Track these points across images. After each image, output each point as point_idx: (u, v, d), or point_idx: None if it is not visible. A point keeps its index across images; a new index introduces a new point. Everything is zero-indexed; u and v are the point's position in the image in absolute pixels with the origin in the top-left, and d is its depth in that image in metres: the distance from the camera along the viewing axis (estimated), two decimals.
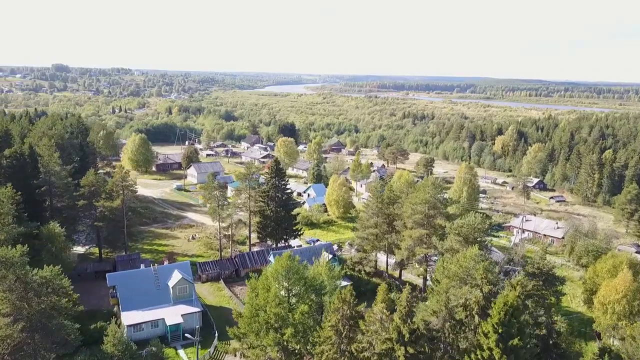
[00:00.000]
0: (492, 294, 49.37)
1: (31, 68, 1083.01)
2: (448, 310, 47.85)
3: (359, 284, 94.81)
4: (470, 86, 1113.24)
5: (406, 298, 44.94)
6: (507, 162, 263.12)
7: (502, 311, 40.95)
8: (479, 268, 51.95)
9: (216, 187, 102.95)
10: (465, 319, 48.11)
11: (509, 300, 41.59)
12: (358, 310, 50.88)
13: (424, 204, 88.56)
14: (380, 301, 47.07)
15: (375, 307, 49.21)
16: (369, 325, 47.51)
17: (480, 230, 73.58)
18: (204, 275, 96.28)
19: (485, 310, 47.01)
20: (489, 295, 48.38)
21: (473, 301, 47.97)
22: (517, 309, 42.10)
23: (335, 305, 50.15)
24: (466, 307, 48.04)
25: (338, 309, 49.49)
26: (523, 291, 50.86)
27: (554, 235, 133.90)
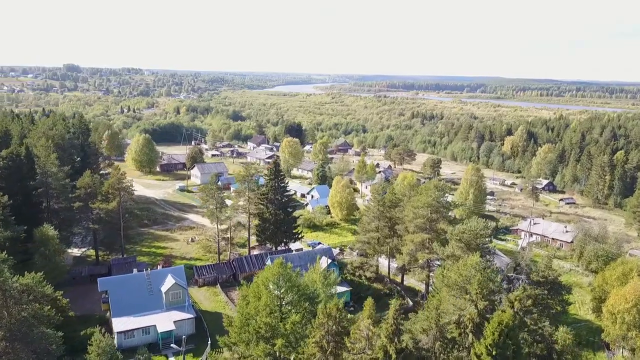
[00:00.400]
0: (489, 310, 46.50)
1: (43, 68, 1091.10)
2: (439, 328, 45.00)
3: (359, 289, 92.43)
4: (481, 86, 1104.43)
5: (393, 315, 42.10)
6: (516, 163, 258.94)
7: (497, 331, 38.16)
8: (473, 282, 49.00)
9: (214, 189, 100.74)
10: (458, 337, 45.27)
11: (504, 320, 38.78)
12: (345, 325, 48.06)
13: (426, 207, 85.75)
14: (366, 316, 44.21)
15: (362, 323, 46.42)
16: (354, 342, 44.70)
17: (482, 236, 70.58)
18: (200, 280, 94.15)
19: (480, 327, 44.20)
20: (484, 311, 45.49)
21: (467, 318, 45.16)
22: (513, 329, 39.28)
23: (320, 320, 47.43)
24: (459, 324, 45.25)
25: (322, 324, 46.66)
26: (522, 307, 47.91)
27: (562, 239, 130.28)
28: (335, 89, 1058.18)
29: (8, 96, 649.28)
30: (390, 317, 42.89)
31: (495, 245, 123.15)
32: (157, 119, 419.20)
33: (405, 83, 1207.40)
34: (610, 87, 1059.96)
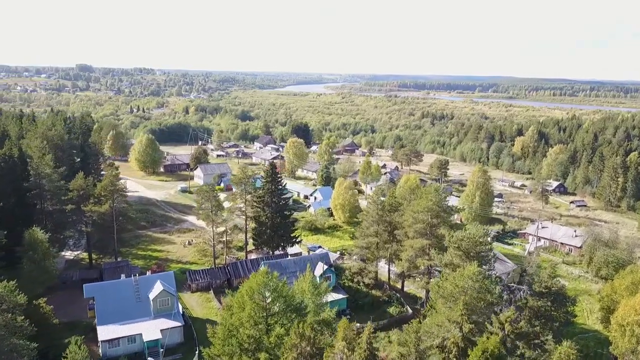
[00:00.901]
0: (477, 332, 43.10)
1: (56, 68, 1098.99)
2: (419, 354, 41.68)
3: (357, 296, 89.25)
4: (493, 85, 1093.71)
5: (367, 339, 38.84)
6: (526, 164, 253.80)
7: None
8: (459, 302, 45.55)
9: (209, 191, 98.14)
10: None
11: (489, 347, 35.47)
12: (319, 346, 44.74)
13: (426, 212, 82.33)
14: (341, 338, 40.68)
15: (336, 345, 42.93)
16: None
17: (482, 244, 67.00)
18: (193, 285, 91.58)
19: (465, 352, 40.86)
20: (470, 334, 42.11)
21: (451, 342, 41.83)
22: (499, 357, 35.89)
23: (292, 340, 44.19)
24: (443, 349, 41.94)
25: (295, 346, 43.24)
26: (513, 330, 44.46)
27: (571, 244, 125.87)
28: (345, 89, 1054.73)
29: (20, 96, 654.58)
30: (363, 341, 39.59)
31: (500, 249, 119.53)
32: (165, 119, 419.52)
33: (416, 83, 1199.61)
34: (625, 86, 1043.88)
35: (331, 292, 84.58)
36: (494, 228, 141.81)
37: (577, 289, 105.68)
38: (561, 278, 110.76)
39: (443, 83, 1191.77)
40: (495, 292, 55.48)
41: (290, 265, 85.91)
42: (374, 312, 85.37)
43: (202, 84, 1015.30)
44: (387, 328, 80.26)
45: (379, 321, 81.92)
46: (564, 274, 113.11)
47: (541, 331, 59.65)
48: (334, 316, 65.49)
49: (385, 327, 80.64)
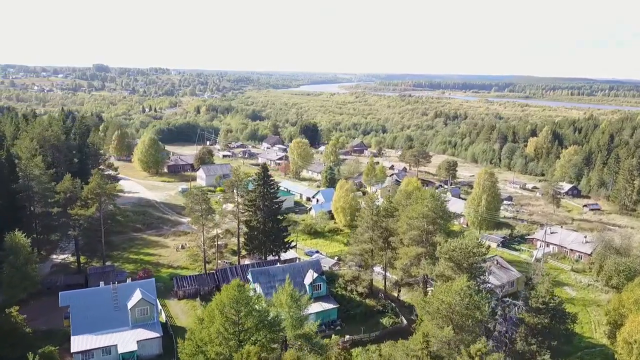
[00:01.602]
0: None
1: (73, 68, 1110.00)
2: None
3: (349, 306, 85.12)
4: (509, 85, 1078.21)
5: None
6: (539, 165, 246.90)
7: None
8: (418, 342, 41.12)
9: (199, 194, 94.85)
10: None
11: None
12: None
13: (421, 218, 77.98)
14: None
15: None
16: None
17: (475, 255, 62.45)
18: (180, 292, 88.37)
19: None
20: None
21: None
22: None
23: None
24: None
25: None
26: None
27: (581, 251, 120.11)
28: (360, 89, 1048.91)
29: (36, 96, 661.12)
30: None
31: (506, 255, 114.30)
32: (176, 118, 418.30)
33: (432, 82, 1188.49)
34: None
35: (321, 302, 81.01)
36: (501, 233, 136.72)
37: (586, 299, 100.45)
38: (569, 287, 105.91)
39: (458, 82, 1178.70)
40: (485, 309, 51.05)
41: (279, 273, 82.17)
42: (366, 323, 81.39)
43: (217, 83, 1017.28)
44: (380, 340, 76.09)
45: (371, 333, 77.91)
46: (572, 283, 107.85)
47: (538, 350, 55.18)
48: (316, 330, 61.78)
49: (378, 339, 76.50)
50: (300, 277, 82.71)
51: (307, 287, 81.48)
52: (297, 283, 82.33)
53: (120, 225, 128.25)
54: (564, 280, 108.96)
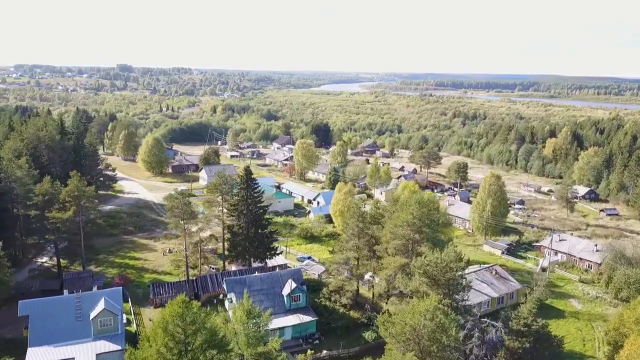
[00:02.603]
0: None
1: (98, 68, 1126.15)
2: None
3: (331, 318, 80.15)
4: (534, 84, 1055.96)
5: None
6: (557, 167, 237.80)
7: None
8: None
9: (180, 197, 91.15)
10: None
11: None
12: None
13: (405, 226, 72.73)
14: None
15: None
16: None
17: (453, 270, 56.97)
18: (157, 299, 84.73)
19: None
20: None
21: None
22: None
23: None
24: None
25: None
26: None
27: (591, 260, 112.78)
28: (380, 88, 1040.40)
29: (59, 95, 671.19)
30: None
31: (510, 264, 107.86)
32: (191, 118, 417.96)
33: (454, 82, 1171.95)
34: None
35: (299, 314, 76.42)
36: (508, 239, 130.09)
37: (592, 313, 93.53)
38: (574, 299, 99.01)
39: (482, 82, 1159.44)
40: (452, 333, 45.65)
41: (256, 282, 77.89)
42: (347, 337, 76.49)
43: (238, 83, 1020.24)
44: (359, 356, 71.04)
45: (350, 348, 72.97)
46: (579, 295, 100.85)
47: None
48: (279, 347, 57.20)
49: (357, 355, 71.50)
50: (279, 287, 78.32)
51: (285, 298, 77.01)
52: (276, 293, 78.29)
53: (111, 227, 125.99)
54: (570, 292, 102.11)
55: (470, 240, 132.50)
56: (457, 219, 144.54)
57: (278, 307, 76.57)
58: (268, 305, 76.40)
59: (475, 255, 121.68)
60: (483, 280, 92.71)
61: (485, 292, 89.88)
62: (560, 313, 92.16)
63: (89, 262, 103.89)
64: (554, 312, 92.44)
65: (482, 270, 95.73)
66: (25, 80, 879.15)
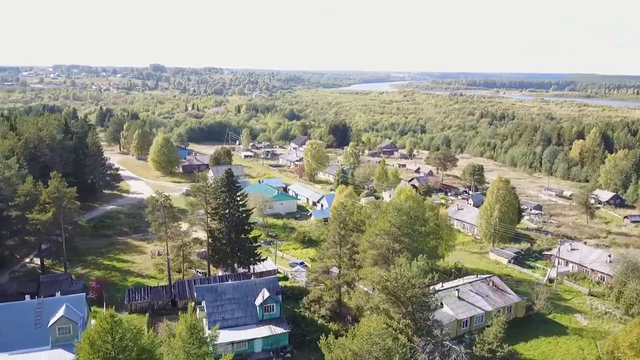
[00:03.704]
0: None
1: (131, 68, 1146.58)
2: None
3: (307, 330, 75.79)
4: (570, 83, 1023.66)
5: None
6: (583, 170, 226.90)
7: None
8: None
9: (159, 199, 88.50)
10: None
11: None
12: None
13: (383, 235, 67.91)
14: None
15: None
16: None
17: (415, 287, 51.89)
18: (131, 305, 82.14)
19: None
20: None
21: None
22: None
23: None
24: None
25: None
26: None
27: (604, 271, 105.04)
28: (411, 87, 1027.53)
29: (91, 95, 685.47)
30: None
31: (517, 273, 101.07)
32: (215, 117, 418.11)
33: (487, 81, 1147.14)
34: None
35: (271, 325, 72.39)
36: (517, 247, 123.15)
37: (598, 330, 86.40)
38: (581, 314, 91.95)
39: (515, 81, 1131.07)
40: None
41: (228, 291, 74.26)
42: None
43: (267, 83, 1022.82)
44: None
45: None
46: (586, 309, 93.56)
47: None
48: None
49: None
50: (252, 296, 74.50)
51: (257, 308, 73.15)
52: (249, 303, 74.56)
53: (107, 227, 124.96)
54: (577, 306, 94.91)
55: (477, 247, 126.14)
56: (465, 224, 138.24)
57: (250, 318, 72.86)
58: (239, 315, 72.98)
59: (480, 263, 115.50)
60: (478, 292, 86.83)
61: (478, 305, 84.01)
62: (562, 329, 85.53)
63: (77, 263, 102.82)
64: (555, 328, 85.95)
65: (479, 282, 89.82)
66: (61, 80, 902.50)
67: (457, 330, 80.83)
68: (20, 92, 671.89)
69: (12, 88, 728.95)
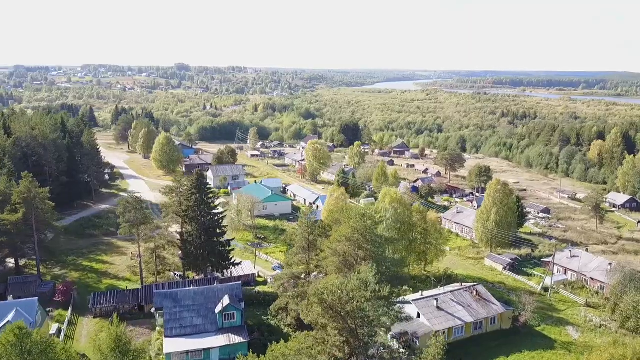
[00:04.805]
0: None
1: (157, 67, 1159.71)
2: None
3: (271, 339, 72.09)
4: (601, 82, 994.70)
5: None
6: (602, 172, 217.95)
7: None
8: None
9: (131, 201, 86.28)
10: None
11: None
12: None
13: (345, 241, 63.99)
14: None
15: None
16: None
17: (354, 299, 47.78)
18: (96, 309, 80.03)
19: None
20: None
21: None
22: None
23: None
24: None
25: None
26: None
27: (604, 281, 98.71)
28: (435, 86, 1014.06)
29: (114, 94, 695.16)
30: None
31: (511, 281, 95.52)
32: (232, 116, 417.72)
33: (513, 79, 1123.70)
34: None
35: (230, 334, 69.20)
36: (516, 253, 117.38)
37: (589, 345, 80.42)
38: (573, 327, 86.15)
39: (543, 79, 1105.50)
40: None
41: (189, 297, 71.37)
42: None
43: (289, 82, 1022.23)
44: None
45: None
46: (579, 322, 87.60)
47: None
48: None
49: None
50: (213, 303, 71.44)
51: (217, 317, 70.05)
52: (209, 310, 71.51)
53: (94, 227, 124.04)
54: (570, 318, 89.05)
55: (473, 252, 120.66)
56: (464, 228, 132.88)
57: (210, 326, 69.82)
58: (198, 322, 70.07)
59: (474, 270, 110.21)
60: (459, 302, 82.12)
61: (458, 316, 79.38)
62: (549, 343, 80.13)
63: (56, 264, 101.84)
64: (542, 341, 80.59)
65: (461, 290, 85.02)
66: (88, 80, 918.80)
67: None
68: (46, 91, 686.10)
69: (40, 87, 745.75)
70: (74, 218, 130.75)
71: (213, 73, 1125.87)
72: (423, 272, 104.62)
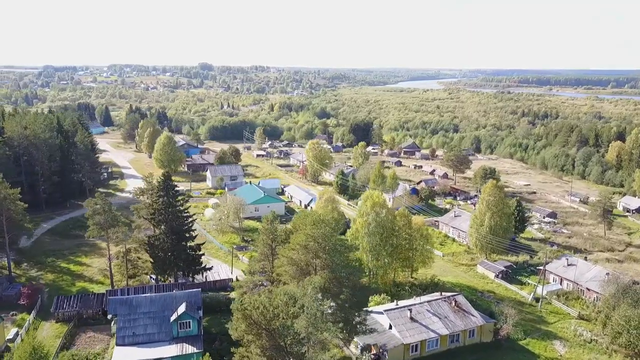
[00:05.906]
0: None
1: (181, 67, 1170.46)
2: None
3: (228, 350, 69.13)
4: (631, 80, 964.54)
5: None
6: (619, 175, 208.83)
7: None
8: None
9: (101, 202, 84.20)
10: None
11: None
12: None
13: (302, 249, 60.43)
14: None
15: None
16: None
17: (279, 316, 43.99)
18: (59, 313, 78.07)
19: None
20: None
21: None
22: None
23: None
24: None
25: None
26: None
27: (598, 292, 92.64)
28: (460, 85, 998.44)
29: (136, 93, 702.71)
30: None
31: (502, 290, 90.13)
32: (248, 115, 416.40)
33: (540, 78, 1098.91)
34: None
35: (184, 344, 66.30)
36: (512, 260, 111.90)
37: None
38: (560, 341, 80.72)
39: (571, 78, 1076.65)
40: None
41: (144, 304, 68.68)
42: None
43: (311, 81, 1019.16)
44: None
45: None
46: (568, 336, 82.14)
47: None
48: None
49: None
50: (170, 311, 68.63)
51: (172, 325, 67.21)
52: (165, 318, 68.77)
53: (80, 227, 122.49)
54: (559, 331, 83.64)
55: (467, 258, 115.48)
56: (461, 233, 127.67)
57: (164, 334, 67.00)
58: (153, 331, 67.33)
59: (464, 277, 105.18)
60: (436, 313, 77.62)
61: (433, 328, 74.92)
62: (532, 359, 75.15)
63: (34, 265, 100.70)
64: (524, 357, 75.77)
65: (439, 301, 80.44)
66: (114, 79, 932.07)
67: (404, 356, 72.35)
68: (70, 90, 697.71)
69: (65, 86, 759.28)
70: (63, 218, 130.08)
71: (236, 72, 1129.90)
72: (409, 279, 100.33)
